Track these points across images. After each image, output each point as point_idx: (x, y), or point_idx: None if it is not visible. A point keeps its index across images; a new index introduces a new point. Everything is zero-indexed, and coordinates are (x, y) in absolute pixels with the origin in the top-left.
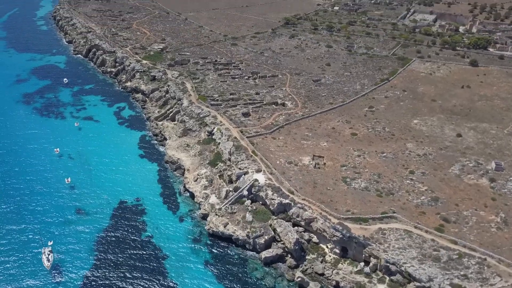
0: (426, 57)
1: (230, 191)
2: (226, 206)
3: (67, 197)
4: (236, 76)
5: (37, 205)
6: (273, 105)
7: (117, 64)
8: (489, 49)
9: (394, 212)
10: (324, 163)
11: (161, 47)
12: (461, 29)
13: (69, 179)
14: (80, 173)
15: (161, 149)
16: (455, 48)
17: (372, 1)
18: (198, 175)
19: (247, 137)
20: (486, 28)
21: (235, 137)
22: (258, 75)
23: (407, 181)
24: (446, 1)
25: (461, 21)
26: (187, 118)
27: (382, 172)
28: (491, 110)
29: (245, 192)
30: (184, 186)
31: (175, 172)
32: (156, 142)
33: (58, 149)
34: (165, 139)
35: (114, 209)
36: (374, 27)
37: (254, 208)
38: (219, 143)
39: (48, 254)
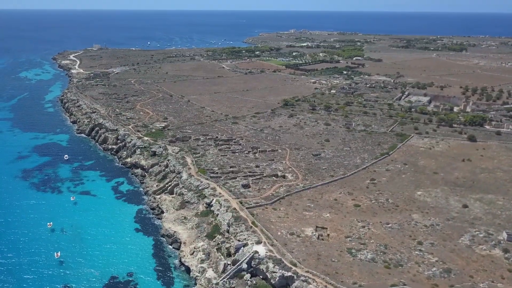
0: (424, 133)
1: (228, 264)
2: (223, 281)
3: (55, 272)
4: (237, 151)
5: (22, 280)
6: (274, 177)
7: (118, 141)
8: (485, 126)
9: (404, 284)
10: (328, 234)
11: (163, 125)
12: (455, 109)
13: (59, 254)
14: (71, 248)
15: (158, 222)
16: (451, 125)
17: (368, 85)
18: (194, 248)
19: (246, 208)
20: (479, 107)
21: (234, 208)
22: (258, 149)
23: (416, 252)
24: (438, 85)
25: (455, 102)
26: (186, 190)
27: (389, 243)
28: (495, 182)
29: (244, 265)
30: (180, 260)
31: (171, 246)
32: (153, 216)
33: (51, 223)
34: (162, 212)
35: (104, 285)
36: (371, 107)
37: (254, 282)
38: (218, 214)
39: None
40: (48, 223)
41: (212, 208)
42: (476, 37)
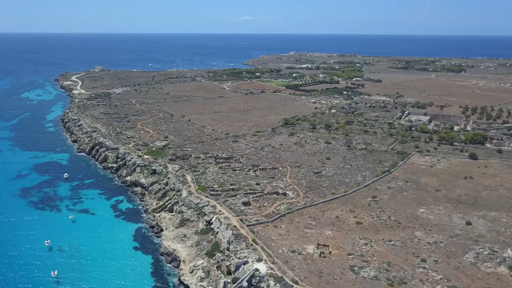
0: (425, 151)
1: (229, 282)
2: None
3: None
4: (237, 169)
5: None
6: (274, 195)
7: (118, 160)
8: (486, 144)
9: None
10: (330, 252)
11: (164, 143)
12: (455, 128)
13: (56, 272)
14: (68, 266)
15: (157, 240)
16: (452, 143)
17: (368, 105)
18: (194, 266)
19: (247, 226)
20: (480, 126)
21: (235, 226)
22: (259, 167)
23: (420, 270)
24: (438, 104)
25: (455, 121)
26: (185, 208)
27: (392, 260)
28: (498, 199)
29: (245, 284)
30: (179, 279)
31: (170, 264)
32: (152, 234)
33: (49, 241)
34: (162, 230)
35: None
36: (371, 126)
37: None
38: (218, 232)
39: None
40: (45, 241)
41: (212, 226)
42: (474, 59)
